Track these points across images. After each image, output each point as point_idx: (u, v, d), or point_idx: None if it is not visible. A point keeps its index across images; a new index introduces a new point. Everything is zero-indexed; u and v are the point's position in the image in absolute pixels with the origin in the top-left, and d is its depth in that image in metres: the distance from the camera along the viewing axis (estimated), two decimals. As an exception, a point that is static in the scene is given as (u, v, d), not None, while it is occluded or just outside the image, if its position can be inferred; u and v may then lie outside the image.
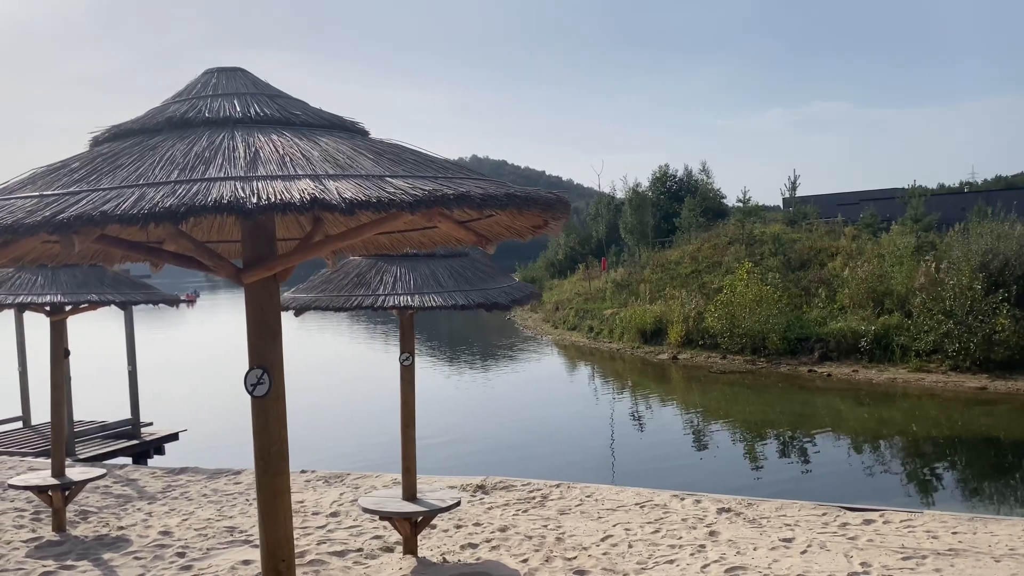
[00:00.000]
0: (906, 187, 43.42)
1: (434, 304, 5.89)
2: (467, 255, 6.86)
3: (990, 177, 66.72)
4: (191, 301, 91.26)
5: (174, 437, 14.38)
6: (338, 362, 33.82)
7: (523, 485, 9.62)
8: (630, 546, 7.19)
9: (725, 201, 54.90)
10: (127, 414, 14.17)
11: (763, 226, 37.88)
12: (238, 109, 2.90)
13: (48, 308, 7.73)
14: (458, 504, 6.70)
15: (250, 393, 3.11)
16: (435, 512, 6.60)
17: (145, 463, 13.79)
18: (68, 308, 7.86)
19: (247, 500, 9.26)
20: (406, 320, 6.78)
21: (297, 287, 6.54)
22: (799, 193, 45.24)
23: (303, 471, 10.66)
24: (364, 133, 3.10)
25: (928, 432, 17.58)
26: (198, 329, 57.55)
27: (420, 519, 6.70)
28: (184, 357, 36.23)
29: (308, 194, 2.28)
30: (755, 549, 6.94)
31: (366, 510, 6.55)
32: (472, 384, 26.40)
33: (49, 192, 2.36)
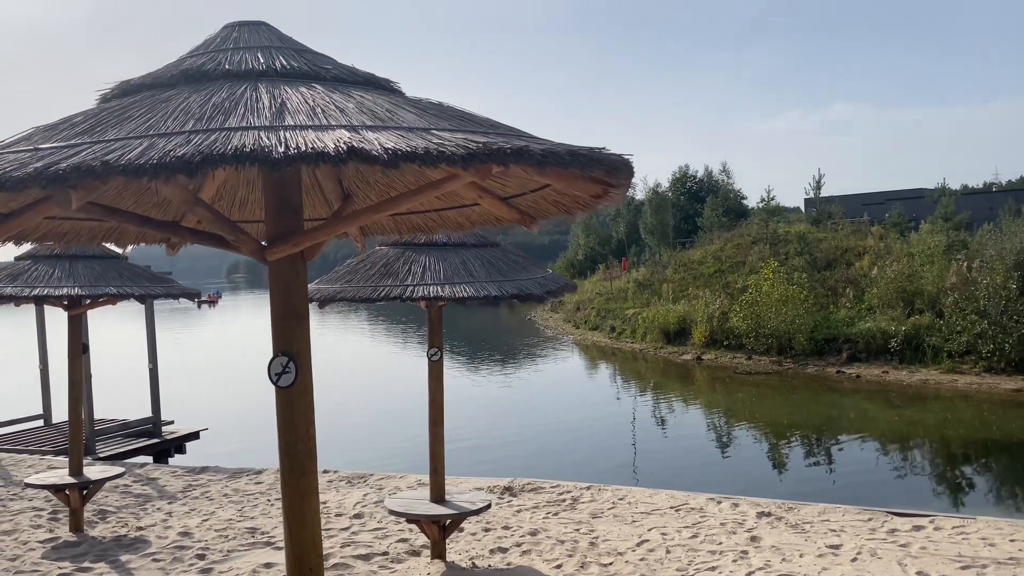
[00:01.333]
0: (931, 187, 42.74)
1: (466, 295, 5.59)
2: (498, 245, 6.56)
3: (1014, 178, 65.36)
4: (213, 302, 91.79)
5: (195, 436, 14.20)
6: (356, 358, 33.65)
7: (552, 487, 9.29)
8: (668, 552, 6.85)
9: (745, 202, 54.34)
10: (148, 412, 14.00)
11: (787, 226, 37.33)
12: (261, 61, 2.61)
13: (66, 301, 7.51)
14: (488, 507, 6.39)
15: (274, 383, 2.82)
16: (465, 515, 6.29)
17: (166, 462, 13.62)
18: (86, 301, 7.64)
19: (268, 500, 9.01)
20: (434, 313, 6.49)
21: (321, 278, 6.27)
22: (822, 193, 44.63)
23: (325, 471, 10.40)
24: (400, 92, 2.80)
25: (965, 435, 17.06)
26: (220, 329, 57.74)
27: (449, 522, 6.40)
28: (206, 356, 36.22)
29: (344, 143, 1.98)
30: (801, 556, 6.58)
31: (393, 512, 6.26)
32: (493, 384, 26.10)
33: (45, 145, 2.08)
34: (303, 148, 1.95)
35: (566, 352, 33.44)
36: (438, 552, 6.53)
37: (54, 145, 2.06)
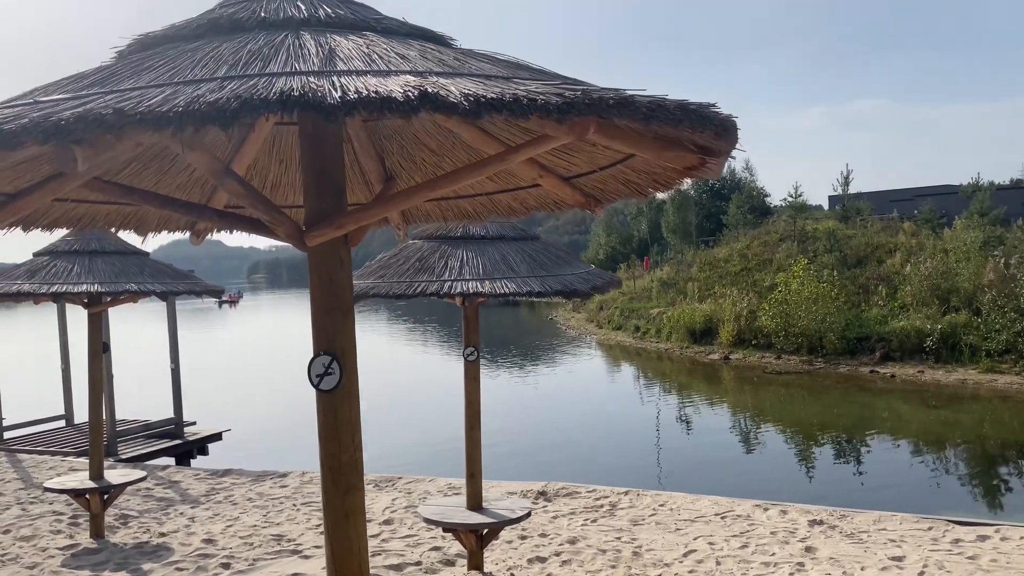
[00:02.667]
0: (956, 183, 41.83)
1: (507, 291, 5.22)
2: (538, 238, 6.20)
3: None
4: (234, 302, 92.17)
5: (217, 437, 13.94)
6: (378, 357, 33.42)
7: (588, 492, 8.92)
8: (718, 563, 6.45)
9: (769, 200, 53.61)
10: (169, 412, 13.76)
11: (815, 222, 36.66)
12: (302, 9, 2.25)
13: (85, 299, 7.23)
14: (528, 515, 6.02)
15: (315, 386, 2.47)
16: (504, 524, 5.93)
17: (188, 464, 13.36)
18: (107, 299, 7.36)
19: (294, 505, 8.70)
20: (470, 311, 6.13)
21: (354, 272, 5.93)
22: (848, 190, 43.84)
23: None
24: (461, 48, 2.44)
25: (1009, 437, 16.47)
26: (241, 329, 57.85)
27: (486, 531, 6.03)
28: (227, 356, 36.13)
29: (414, 88, 1.62)
30: (863, 569, 6.15)
31: (428, 520, 5.90)
32: (519, 385, 25.71)
33: (47, 98, 1.73)
34: (364, 93, 1.59)
35: (590, 352, 33.01)
36: (475, 563, 6.16)
37: (58, 97, 1.71)
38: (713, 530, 7.36)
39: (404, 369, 30.63)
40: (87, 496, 7.29)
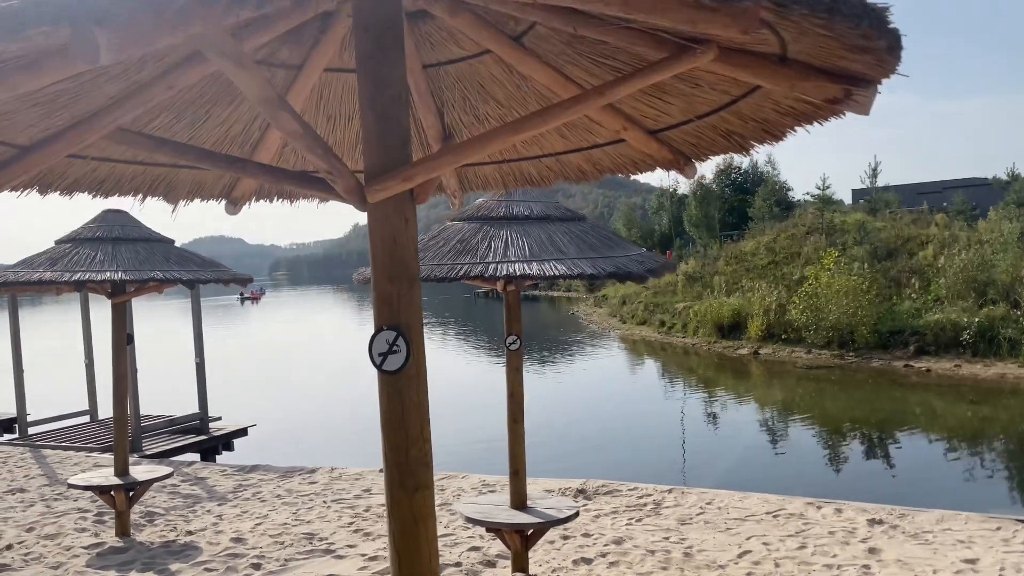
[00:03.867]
0: (988, 177, 40.97)
1: (556, 273, 4.86)
2: (584, 218, 5.83)
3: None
4: (256, 298, 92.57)
5: (243, 432, 13.70)
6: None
7: (629, 490, 8.55)
8: (777, 565, 6.07)
9: (791, 194, 52.85)
10: (192, 407, 13.53)
11: (843, 215, 35.99)
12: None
13: (109, 287, 6.95)
14: (576, 515, 5.66)
15: (378, 367, 2.12)
16: (551, 525, 5.57)
17: (213, 459, 13.13)
18: (131, 288, 7.08)
19: (324, 502, 8.41)
20: (512, 296, 5.78)
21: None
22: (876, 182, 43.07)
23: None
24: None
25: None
26: (263, 325, 57.95)
27: (531, 532, 5.68)
28: (251, 352, 36.04)
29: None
30: (935, 572, 5.74)
31: (471, 520, 5.56)
32: (546, 380, 25.33)
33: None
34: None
35: (616, 347, 32.58)
36: (520, 565, 5.81)
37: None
38: (766, 529, 6.97)
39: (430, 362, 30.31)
40: (112, 493, 7.02)
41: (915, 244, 29.91)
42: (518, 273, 4.83)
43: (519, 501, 5.76)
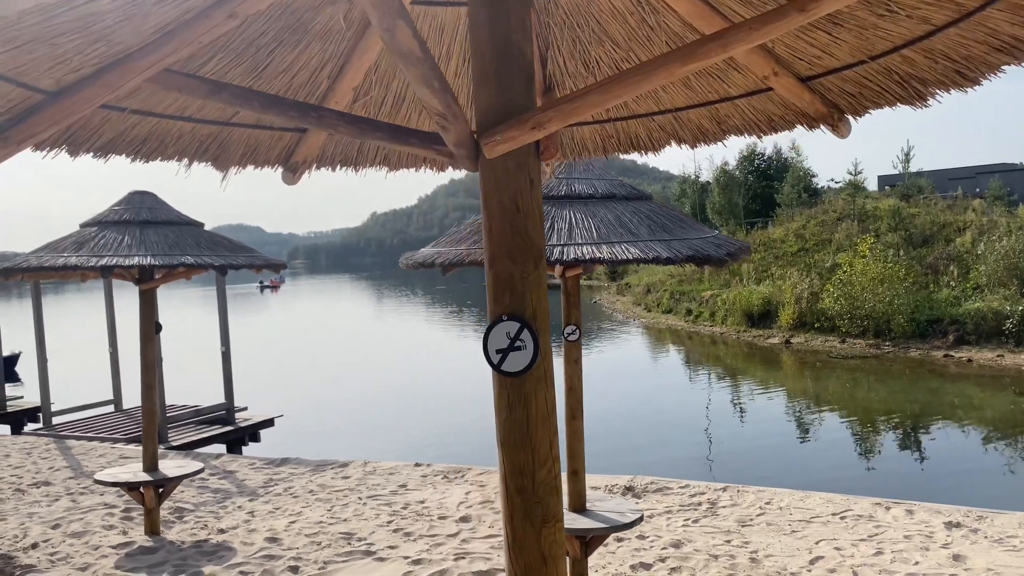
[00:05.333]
0: (1020, 163, 39.96)
1: (629, 256, 4.41)
2: (651, 197, 5.36)
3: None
4: (275, 287, 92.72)
5: (270, 423, 13.37)
6: (422, 341, 32.91)
7: (680, 488, 8.10)
8: (854, 573, 5.61)
9: (816, 180, 51.91)
10: (216, 397, 13.22)
11: (874, 201, 35.19)
12: None
13: (136, 273, 6.58)
14: (640, 519, 5.23)
15: (495, 367, 1.69)
16: (615, 530, 5.14)
17: (240, 451, 12.83)
18: (159, 274, 6.70)
19: (360, 499, 8.03)
20: (571, 282, 5.34)
21: (438, 241, 5.17)
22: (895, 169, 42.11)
23: (417, 464, 9.41)
24: None
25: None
26: (284, 314, 57.95)
27: (591, 537, 5.25)
28: (273, 341, 35.86)
29: None
30: (1033, 584, 5.26)
31: (526, 524, 5.14)
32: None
33: None
34: None
35: (642, 336, 32.06)
36: (578, 572, 5.39)
37: None
38: (835, 532, 6.51)
39: (455, 349, 30.07)
40: (141, 490, 6.67)
41: (951, 230, 29.13)
42: (587, 257, 4.38)
43: (578, 503, 5.34)
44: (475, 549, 6.37)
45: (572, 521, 5.15)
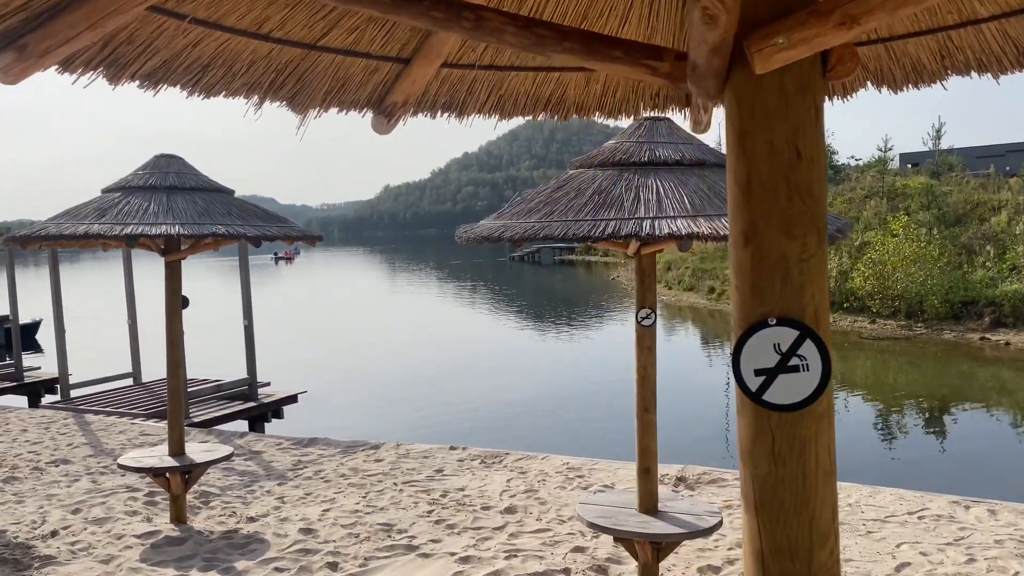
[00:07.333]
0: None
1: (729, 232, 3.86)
2: (722, 167, 4.77)
3: None
4: (290, 259, 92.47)
5: (293, 399, 12.95)
6: (456, 320, 32.51)
7: (736, 479, 7.60)
8: (949, 584, 5.10)
9: (836, 157, 50.77)
10: (237, 372, 12.80)
11: (904, 178, 34.31)
12: None
13: (162, 243, 6.08)
14: (720, 524, 4.72)
15: (752, 396, 1.15)
16: (694, 536, 4.64)
17: (262, 428, 12.43)
18: (186, 244, 6.20)
19: (395, 485, 7.58)
20: (646, 261, 4.80)
21: (501, 211, 4.63)
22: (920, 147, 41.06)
23: (452, 447, 8.95)
24: None
25: None
26: (300, 287, 57.72)
27: (664, 544, 4.76)
28: (291, 314, 35.51)
29: None
30: None
31: (594, 526, 4.66)
32: (600, 351, 24.34)
33: None
34: None
35: (663, 315, 31.49)
36: (648, 578, 4.91)
37: None
38: (916, 535, 6.00)
39: (474, 329, 29.69)
40: (167, 476, 6.22)
41: (986, 209, 28.31)
42: (683, 232, 3.83)
43: (650, 504, 4.84)
44: (526, 545, 5.90)
45: (645, 525, 4.66)
